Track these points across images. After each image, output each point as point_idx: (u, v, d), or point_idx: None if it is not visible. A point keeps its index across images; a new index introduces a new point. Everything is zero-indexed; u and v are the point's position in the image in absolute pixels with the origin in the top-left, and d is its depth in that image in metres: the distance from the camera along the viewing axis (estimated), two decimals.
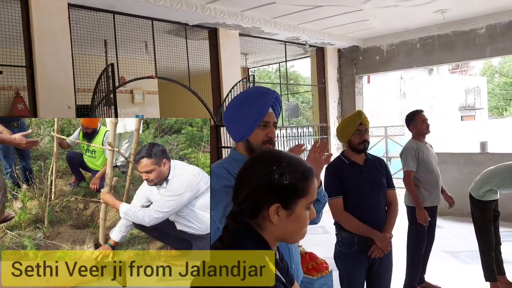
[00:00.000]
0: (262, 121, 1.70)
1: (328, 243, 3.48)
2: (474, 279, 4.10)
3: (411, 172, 3.81)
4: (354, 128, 2.72)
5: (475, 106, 18.92)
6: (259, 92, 1.72)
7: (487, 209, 3.87)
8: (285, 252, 1.67)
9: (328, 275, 3.86)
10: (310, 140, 7.85)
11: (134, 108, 8.10)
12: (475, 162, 6.51)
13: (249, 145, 1.72)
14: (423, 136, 3.97)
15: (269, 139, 1.73)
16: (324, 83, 8.10)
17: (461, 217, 6.45)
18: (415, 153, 3.85)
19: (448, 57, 7.07)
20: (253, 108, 1.69)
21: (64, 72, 4.49)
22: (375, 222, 2.68)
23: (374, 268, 2.72)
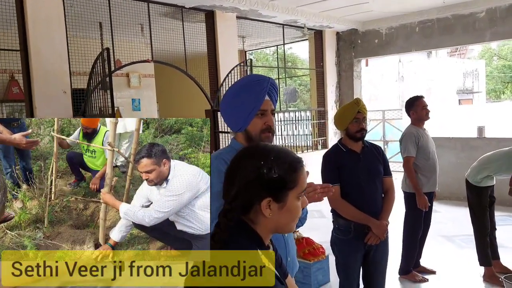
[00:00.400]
0: (259, 110, 1.67)
1: (325, 228, 3.51)
2: (469, 263, 4.16)
3: (411, 158, 3.82)
4: (352, 116, 2.70)
5: (473, 89, 18.88)
6: (255, 80, 1.69)
7: (483, 195, 3.89)
8: (281, 245, 1.67)
9: (324, 260, 3.90)
10: (308, 125, 7.82)
11: (130, 91, 8.04)
12: (472, 147, 6.52)
13: (248, 135, 1.70)
14: (422, 122, 3.96)
15: (268, 127, 1.70)
16: (322, 67, 8.04)
17: (457, 201, 6.50)
18: (415, 138, 3.85)
19: (448, 41, 7.01)
20: (249, 97, 1.66)
21: (59, 56, 4.42)
22: (371, 210, 2.69)
23: (370, 254, 2.74)
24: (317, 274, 3.81)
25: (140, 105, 8.16)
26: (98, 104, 4.40)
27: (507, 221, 5.58)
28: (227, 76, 5.88)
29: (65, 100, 4.47)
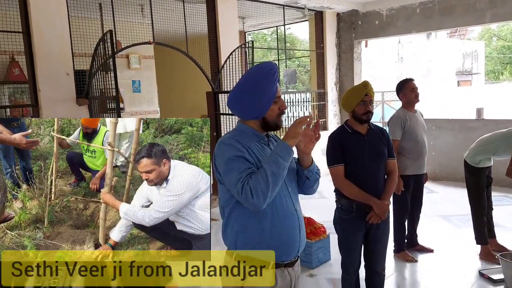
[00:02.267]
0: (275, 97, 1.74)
1: (326, 208, 3.60)
2: (466, 242, 4.27)
3: (395, 141, 3.84)
4: (360, 98, 2.73)
5: (472, 71, 18.86)
6: (267, 70, 1.73)
7: (481, 175, 3.97)
8: (294, 220, 1.76)
9: (325, 239, 4.00)
10: (308, 107, 7.86)
11: (131, 72, 8.02)
12: (470, 128, 6.59)
13: (265, 122, 1.77)
14: (412, 105, 3.99)
15: (282, 111, 1.78)
16: (322, 48, 8.02)
17: (454, 182, 6.60)
18: (401, 122, 3.89)
19: (448, 22, 6.99)
20: (266, 87, 1.71)
21: (61, 37, 4.42)
22: (374, 190, 2.75)
23: (371, 233, 2.81)
24: (318, 252, 3.91)
25: (140, 87, 8.15)
26: (101, 86, 4.42)
27: (503, 201, 5.70)
28: (228, 58, 5.88)
29: (68, 81, 4.48)
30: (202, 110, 9.59)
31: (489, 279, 3.50)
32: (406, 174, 3.85)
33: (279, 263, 1.74)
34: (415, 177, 3.95)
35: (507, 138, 3.82)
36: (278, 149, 1.65)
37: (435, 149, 6.79)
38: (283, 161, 1.62)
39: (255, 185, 1.57)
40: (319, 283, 3.59)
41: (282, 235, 1.72)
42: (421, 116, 4.11)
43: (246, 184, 1.59)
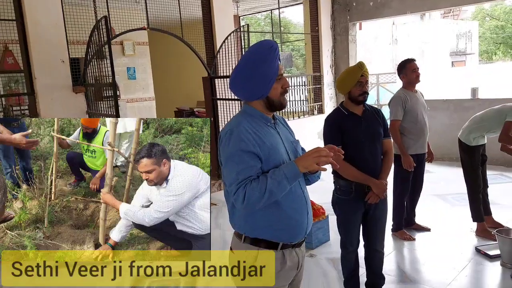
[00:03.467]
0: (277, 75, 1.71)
1: (324, 190, 3.62)
2: (462, 220, 4.35)
3: (397, 121, 3.90)
4: (356, 79, 2.75)
5: (466, 51, 18.86)
6: (268, 47, 1.70)
7: (475, 154, 4.03)
8: (301, 202, 1.78)
9: (324, 220, 4.06)
10: (304, 90, 7.86)
11: (125, 59, 7.97)
12: (465, 108, 6.64)
13: (269, 101, 1.74)
14: (413, 85, 4.01)
15: (285, 90, 1.76)
16: (317, 31, 7.99)
17: (450, 161, 6.68)
18: (402, 102, 3.92)
19: (442, 1, 6.98)
20: (268, 65, 1.68)
21: (55, 24, 4.38)
22: (372, 170, 2.79)
23: (370, 212, 2.86)
24: (317, 233, 3.98)
25: (135, 74, 8.11)
26: (96, 73, 4.41)
27: (498, 180, 5.78)
28: (224, 43, 5.86)
29: (64, 69, 4.46)
30: (198, 96, 9.58)
31: (485, 255, 3.58)
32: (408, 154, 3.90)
33: (287, 244, 1.77)
34: (416, 157, 3.99)
35: (500, 114, 3.87)
36: (287, 170, 1.61)
37: (431, 129, 6.70)
38: (287, 183, 1.61)
39: (250, 194, 1.58)
40: (319, 263, 3.66)
41: (291, 218, 1.74)
42: (421, 96, 4.12)
43: (242, 189, 1.59)
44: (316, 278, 3.40)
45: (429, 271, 3.46)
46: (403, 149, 3.87)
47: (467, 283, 3.23)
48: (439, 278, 3.30)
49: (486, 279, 3.36)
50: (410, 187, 4.11)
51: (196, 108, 10.30)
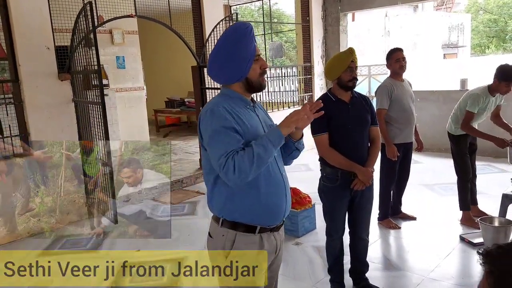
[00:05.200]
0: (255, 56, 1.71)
1: (311, 179, 3.64)
2: (448, 209, 4.38)
3: (383, 110, 3.90)
4: (346, 65, 2.72)
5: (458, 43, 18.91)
6: (243, 28, 1.70)
7: (461, 142, 4.05)
8: (280, 185, 1.77)
9: (310, 208, 4.07)
10: (294, 81, 7.84)
11: (114, 48, 7.87)
12: (454, 100, 6.57)
13: (248, 82, 1.74)
14: (398, 75, 4.01)
15: (264, 70, 1.76)
16: (308, 22, 7.95)
17: (438, 152, 6.72)
18: (388, 91, 3.91)
19: None
20: (244, 46, 1.68)
21: (39, 10, 4.31)
22: (358, 158, 2.78)
23: (356, 200, 2.86)
24: (304, 222, 3.98)
25: (124, 63, 8.02)
26: (83, 62, 4.35)
27: (485, 170, 5.82)
28: (213, 31, 5.81)
29: (49, 56, 4.39)
30: (188, 86, 9.53)
31: (469, 243, 3.61)
32: (394, 143, 3.90)
33: (265, 227, 1.77)
34: (403, 146, 4.00)
35: (464, 102, 3.94)
36: (271, 135, 1.63)
37: (420, 120, 6.76)
38: (272, 147, 1.61)
39: (239, 162, 1.57)
40: (305, 250, 3.67)
41: (269, 202, 1.73)
42: (409, 86, 4.12)
43: (231, 159, 1.57)
44: (301, 265, 3.41)
45: (413, 258, 3.49)
46: (388, 138, 3.88)
47: (450, 270, 3.25)
48: (422, 265, 3.32)
49: (468, 266, 3.39)
50: (397, 176, 4.12)
51: (187, 99, 10.27)
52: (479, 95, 3.84)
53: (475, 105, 3.82)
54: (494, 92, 3.85)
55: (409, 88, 4.10)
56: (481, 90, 3.88)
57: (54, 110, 4.48)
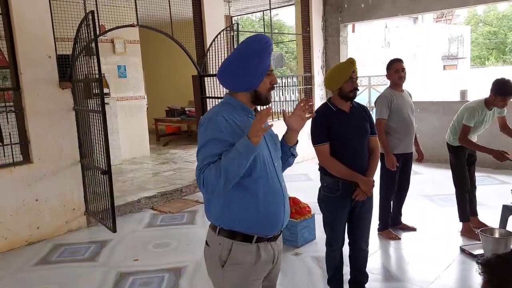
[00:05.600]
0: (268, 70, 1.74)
1: (311, 189, 3.63)
2: (448, 220, 4.36)
3: (382, 120, 3.90)
4: (348, 75, 2.73)
5: (457, 55, 19.00)
6: (264, 41, 1.71)
7: (460, 154, 4.06)
8: (278, 194, 1.77)
9: (310, 218, 4.05)
10: (294, 90, 7.87)
11: (116, 58, 7.92)
12: (454, 111, 6.59)
13: (256, 95, 1.76)
14: (397, 85, 4.01)
15: (273, 86, 1.78)
16: (308, 32, 8.00)
17: (438, 163, 6.71)
18: (387, 101, 3.92)
19: (433, 4, 7.02)
20: (261, 59, 1.70)
21: (42, 19, 4.33)
22: (358, 167, 2.78)
23: (356, 210, 2.85)
24: (303, 232, 3.96)
25: (126, 72, 8.06)
26: (84, 70, 4.37)
27: (485, 181, 5.81)
28: (213, 41, 5.85)
29: (51, 64, 4.41)
30: (188, 95, 9.56)
31: (470, 254, 3.59)
32: (394, 153, 3.89)
33: (262, 237, 1.76)
34: (402, 156, 3.99)
35: (462, 115, 3.95)
36: (241, 147, 1.59)
37: (420, 131, 6.83)
38: (243, 160, 1.58)
39: (207, 176, 1.58)
40: (304, 261, 3.64)
41: (267, 211, 1.73)
42: (408, 96, 4.12)
43: (202, 173, 1.59)
44: (300, 276, 3.39)
45: (413, 270, 3.46)
46: (387, 148, 3.88)
47: (450, 281, 3.23)
48: (422, 276, 3.30)
49: (469, 278, 3.36)
50: (397, 187, 4.11)
51: (187, 108, 10.30)
52: (475, 109, 3.85)
53: (471, 119, 3.84)
54: (491, 106, 3.86)
55: (408, 98, 4.11)
56: (477, 103, 3.89)
57: (55, 118, 4.49)
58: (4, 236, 4.20)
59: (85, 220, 4.81)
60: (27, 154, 4.39)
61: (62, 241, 4.40)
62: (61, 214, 4.59)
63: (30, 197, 4.35)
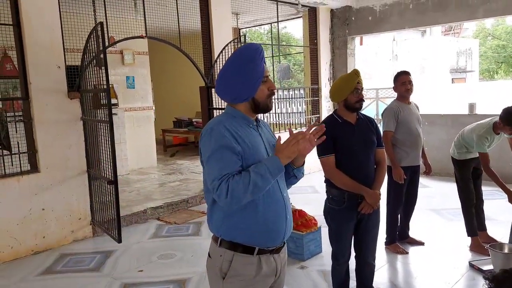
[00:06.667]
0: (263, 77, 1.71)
1: (317, 201, 3.60)
2: (457, 235, 4.30)
3: (389, 132, 3.88)
4: (353, 86, 2.73)
5: (466, 68, 18.94)
6: (253, 49, 1.71)
7: (465, 167, 4.02)
8: (280, 205, 1.74)
9: (316, 231, 4.01)
10: (301, 102, 7.87)
11: (124, 69, 8.00)
12: (462, 124, 6.57)
13: (255, 103, 1.74)
14: (404, 98, 3.99)
15: (272, 92, 1.76)
16: (316, 44, 8.03)
17: (447, 176, 6.64)
18: (394, 113, 3.90)
19: (440, 17, 7.02)
20: (253, 66, 1.69)
21: (52, 30, 4.38)
22: (365, 180, 2.75)
23: (362, 223, 2.81)
24: (309, 244, 3.92)
25: (134, 83, 8.13)
26: (93, 81, 4.40)
27: (494, 195, 5.72)
28: (221, 53, 5.88)
29: (60, 75, 4.45)
30: (196, 106, 9.61)
31: (479, 270, 3.52)
32: (401, 166, 3.86)
33: (264, 249, 1.73)
34: (410, 169, 3.96)
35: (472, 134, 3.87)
36: (270, 165, 1.59)
37: (428, 144, 6.81)
38: (270, 177, 1.59)
39: (233, 187, 1.55)
40: (310, 275, 3.60)
41: (268, 222, 1.70)
42: (416, 108, 4.10)
43: (225, 183, 1.55)
44: None
45: (421, 285, 3.40)
46: (394, 160, 3.85)
47: None
48: None
49: None
50: (404, 200, 4.07)
51: (194, 119, 10.34)
52: (484, 137, 3.79)
53: (484, 145, 3.79)
54: (499, 131, 3.81)
55: (416, 111, 4.08)
56: (486, 130, 3.80)
57: (63, 127, 4.52)
58: (10, 245, 4.20)
59: (91, 230, 4.80)
60: (34, 163, 4.41)
61: (67, 251, 4.40)
62: (67, 223, 4.60)
63: (36, 206, 4.37)
